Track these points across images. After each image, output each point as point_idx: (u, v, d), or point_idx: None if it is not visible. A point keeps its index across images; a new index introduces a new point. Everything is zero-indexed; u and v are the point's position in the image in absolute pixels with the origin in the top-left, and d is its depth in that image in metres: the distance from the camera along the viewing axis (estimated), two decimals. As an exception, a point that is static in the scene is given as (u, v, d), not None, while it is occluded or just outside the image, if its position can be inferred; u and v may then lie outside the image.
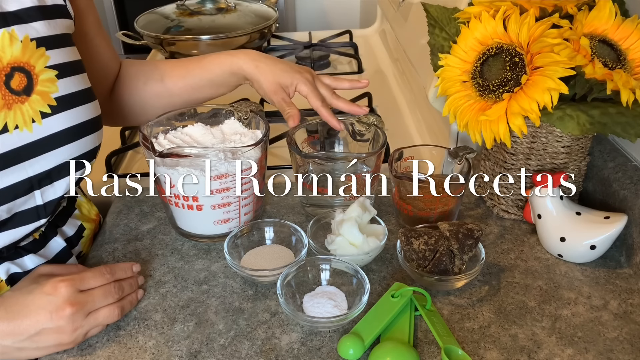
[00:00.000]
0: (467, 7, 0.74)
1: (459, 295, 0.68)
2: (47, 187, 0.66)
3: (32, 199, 0.65)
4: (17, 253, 0.68)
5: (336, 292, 0.66)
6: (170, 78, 0.86)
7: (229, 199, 0.72)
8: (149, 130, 0.74)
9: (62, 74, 0.65)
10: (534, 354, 0.60)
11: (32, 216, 0.66)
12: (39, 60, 0.62)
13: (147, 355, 0.62)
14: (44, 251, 0.71)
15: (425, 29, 0.81)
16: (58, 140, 0.64)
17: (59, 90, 0.64)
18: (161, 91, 0.86)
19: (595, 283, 0.69)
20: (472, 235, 0.67)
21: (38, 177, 0.64)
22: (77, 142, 0.66)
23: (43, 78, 0.63)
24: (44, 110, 0.63)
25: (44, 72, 0.63)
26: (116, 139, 1.06)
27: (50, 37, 0.64)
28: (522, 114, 0.66)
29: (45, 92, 0.63)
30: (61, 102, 0.64)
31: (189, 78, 0.85)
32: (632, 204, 0.71)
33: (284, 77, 0.80)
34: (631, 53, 0.68)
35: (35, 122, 0.62)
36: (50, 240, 0.72)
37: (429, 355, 0.61)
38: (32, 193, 0.64)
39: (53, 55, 0.64)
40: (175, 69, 0.86)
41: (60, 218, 0.75)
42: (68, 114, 0.65)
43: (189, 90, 0.86)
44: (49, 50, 0.64)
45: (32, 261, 0.69)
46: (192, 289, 0.70)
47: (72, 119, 0.65)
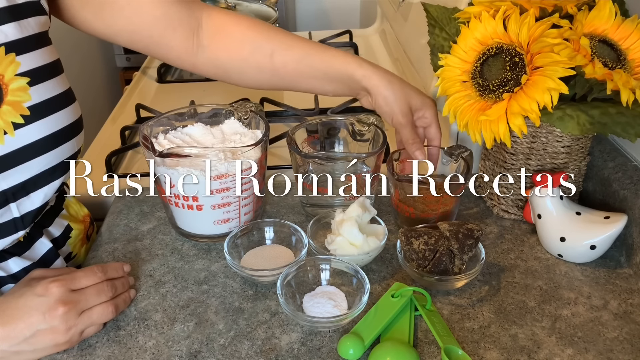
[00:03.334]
0: (467, 7, 0.74)
1: (459, 295, 0.68)
2: (23, 199, 0.63)
3: (8, 211, 0.63)
4: (1, 257, 0.66)
5: (336, 292, 0.66)
6: (281, 57, 0.75)
7: (229, 199, 0.72)
8: (149, 130, 0.74)
9: (35, 81, 0.61)
10: (534, 354, 0.60)
11: (9, 229, 0.64)
12: (8, 68, 0.58)
13: (147, 355, 0.62)
14: (29, 253, 0.69)
15: (425, 29, 0.81)
16: (33, 150, 0.61)
17: (32, 99, 0.60)
18: (266, 66, 0.76)
19: (595, 283, 0.69)
20: (472, 235, 0.67)
21: (12, 189, 0.61)
22: (54, 151, 0.63)
23: (13, 87, 0.59)
24: (16, 120, 0.59)
25: (14, 81, 0.59)
26: (116, 139, 1.06)
27: (21, 40, 0.60)
28: (522, 114, 0.66)
29: (16, 101, 0.59)
30: (35, 110, 0.60)
31: (304, 65, 0.76)
32: (632, 204, 0.71)
33: (415, 98, 0.75)
34: (631, 53, 0.68)
35: (7, 134, 0.58)
36: (36, 241, 0.70)
37: (429, 355, 0.61)
38: (7, 206, 0.62)
39: (24, 61, 0.60)
40: (291, 50, 0.76)
41: (46, 219, 0.73)
42: (44, 123, 0.61)
43: (296, 76, 0.77)
44: (20, 56, 0.60)
45: (17, 264, 0.67)
46: (192, 289, 0.70)
47: (48, 127, 0.62)
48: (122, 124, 1.10)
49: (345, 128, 0.83)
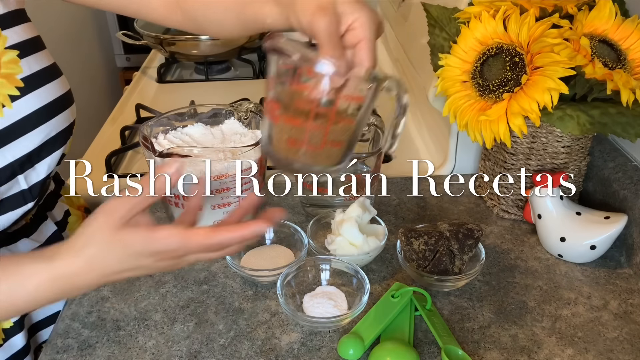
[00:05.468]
0: (467, 7, 0.74)
1: (459, 295, 0.68)
2: (29, 171, 0.65)
3: (17, 184, 0.64)
4: (11, 238, 0.68)
5: (336, 292, 0.66)
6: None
7: (229, 199, 0.72)
8: (149, 131, 0.74)
9: (23, 53, 0.62)
10: (534, 354, 0.60)
11: (18, 201, 0.65)
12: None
13: (147, 355, 0.62)
14: (36, 235, 0.71)
15: (425, 29, 0.81)
16: (32, 121, 0.63)
17: (23, 71, 0.62)
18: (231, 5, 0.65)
19: (595, 283, 0.69)
20: (472, 235, 0.67)
21: (19, 161, 0.63)
22: (51, 122, 0.65)
23: (5, 60, 0.61)
24: (11, 93, 0.61)
25: (4, 54, 0.61)
26: (116, 139, 1.06)
27: (5, 15, 0.62)
28: (522, 114, 0.66)
29: (10, 74, 0.61)
30: (28, 82, 0.62)
31: None
32: (632, 204, 0.71)
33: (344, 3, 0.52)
34: (631, 53, 0.68)
35: (6, 107, 0.60)
36: (42, 224, 0.72)
37: (429, 355, 0.61)
38: (15, 178, 0.63)
39: (10, 35, 0.62)
40: None
41: (48, 201, 0.75)
42: (38, 94, 0.63)
43: None
44: (5, 30, 0.61)
45: (26, 246, 0.69)
46: (192, 289, 0.70)
47: (42, 98, 0.64)
48: (122, 124, 1.10)
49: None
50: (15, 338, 0.67)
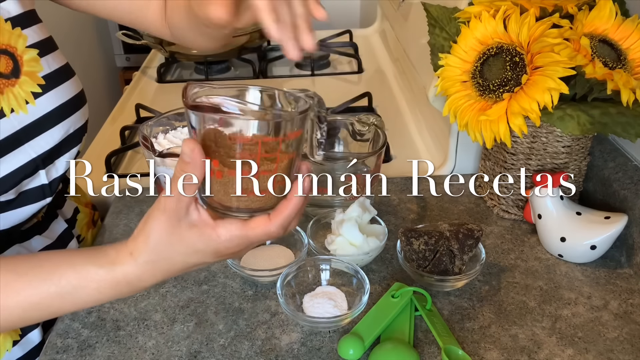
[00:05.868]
0: (467, 7, 0.74)
1: (459, 295, 0.68)
2: (50, 166, 0.66)
3: (38, 178, 0.66)
4: (24, 235, 0.69)
5: (336, 292, 0.66)
6: None
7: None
8: (148, 130, 0.74)
9: (42, 52, 0.64)
10: (534, 354, 0.60)
11: (38, 195, 0.66)
12: (18, 41, 0.62)
13: (147, 355, 0.61)
14: (48, 232, 0.72)
15: (425, 28, 0.81)
16: (53, 118, 0.64)
17: (44, 69, 0.64)
18: None
19: (595, 283, 0.69)
20: (473, 235, 0.67)
21: (42, 156, 0.64)
22: (70, 119, 0.66)
23: (27, 58, 0.62)
24: (34, 90, 0.62)
25: (26, 52, 0.62)
26: (116, 139, 1.06)
27: (22, 15, 0.63)
28: (522, 114, 0.65)
29: (32, 72, 0.63)
30: (49, 79, 0.64)
31: None
32: (633, 204, 0.71)
33: None
34: (631, 53, 0.68)
35: (29, 103, 0.62)
36: (53, 221, 0.73)
37: (429, 355, 0.61)
38: (37, 173, 0.65)
39: (30, 34, 0.63)
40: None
41: (58, 200, 0.76)
42: (58, 91, 0.65)
43: None
44: (25, 30, 0.63)
45: (39, 242, 0.70)
46: (192, 289, 0.70)
47: (62, 95, 0.65)
48: (122, 124, 1.10)
49: (345, 128, 0.83)
50: (32, 334, 0.68)
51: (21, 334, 0.67)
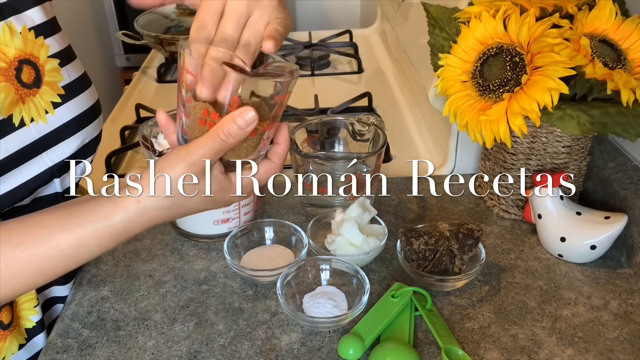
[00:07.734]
0: (467, 7, 0.74)
1: (459, 295, 0.68)
2: (64, 175, 0.67)
3: (52, 185, 0.66)
4: None
5: (336, 292, 0.66)
6: None
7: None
8: (148, 131, 0.74)
9: (63, 62, 0.65)
10: (534, 354, 0.60)
11: (51, 202, 0.66)
12: (41, 50, 0.62)
13: (147, 355, 0.61)
14: None
15: (425, 28, 0.81)
16: (70, 128, 0.65)
17: (64, 79, 0.64)
18: None
19: (595, 283, 0.69)
20: (472, 235, 0.67)
21: (58, 165, 0.65)
22: (87, 129, 0.67)
23: (49, 68, 0.63)
24: (54, 100, 0.63)
25: (48, 62, 0.63)
26: (116, 139, 1.06)
27: (46, 23, 0.63)
28: (522, 114, 0.65)
29: (53, 82, 0.63)
30: (68, 90, 0.65)
31: None
32: (633, 204, 0.71)
33: None
34: (631, 53, 0.68)
35: (49, 113, 0.63)
36: None
37: (429, 355, 0.61)
38: (52, 181, 0.66)
39: (52, 44, 0.64)
40: None
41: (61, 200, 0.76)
42: (76, 101, 0.65)
43: None
44: (47, 39, 0.63)
45: None
46: (192, 289, 0.70)
47: (80, 105, 0.66)
48: (121, 124, 1.10)
49: (345, 128, 0.83)
50: (37, 338, 0.68)
51: (27, 337, 0.67)
